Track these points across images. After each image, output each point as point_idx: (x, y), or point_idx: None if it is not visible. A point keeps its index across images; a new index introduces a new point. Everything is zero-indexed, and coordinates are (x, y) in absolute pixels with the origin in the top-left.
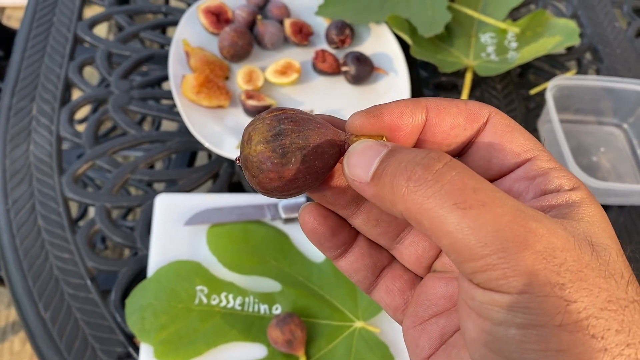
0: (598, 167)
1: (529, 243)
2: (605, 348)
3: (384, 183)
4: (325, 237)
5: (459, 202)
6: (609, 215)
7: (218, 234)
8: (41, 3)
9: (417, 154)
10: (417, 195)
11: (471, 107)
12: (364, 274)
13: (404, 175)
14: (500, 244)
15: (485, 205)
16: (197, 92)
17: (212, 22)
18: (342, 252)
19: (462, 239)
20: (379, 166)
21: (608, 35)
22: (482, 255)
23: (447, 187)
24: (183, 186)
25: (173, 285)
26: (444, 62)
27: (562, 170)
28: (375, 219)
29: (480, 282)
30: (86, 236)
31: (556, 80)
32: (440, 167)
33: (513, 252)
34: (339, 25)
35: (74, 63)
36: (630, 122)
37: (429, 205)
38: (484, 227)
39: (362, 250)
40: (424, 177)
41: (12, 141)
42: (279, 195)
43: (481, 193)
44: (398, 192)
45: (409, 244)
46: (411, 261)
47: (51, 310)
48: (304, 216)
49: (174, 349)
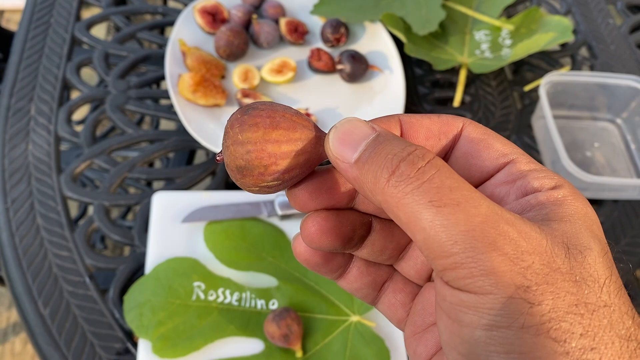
0: (592, 162)
1: (497, 244)
2: (567, 352)
3: (367, 170)
4: (319, 265)
5: (435, 200)
6: (603, 210)
7: (215, 231)
8: (39, 5)
9: (404, 148)
10: (396, 190)
11: (444, 118)
12: (366, 291)
13: (388, 168)
14: (470, 243)
15: (460, 204)
16: (194, 91)
17: (208, 21)
18: (340, 274)
19: (434, 236)
20: (365, 151)
21: (602, 31)
22: (451, 252)
23: (426, 185)
24: (180, 184)
25: (171, 281)
26: (438, 59)
27: (542, 170)
28: (380, 249)
29: (449, 280)
30: (84, 234)
31: (549, 76)
32: (423, 165)
33: (481, 252)
34: (334, 24)
35: (72, 64)
36: (624, 117)
37: (407, 201)
38: (455, 226)
39: (360, 269)
40: (406, 173)
41: (10, 141)
42: (268, 166)
43: (457, 192)
44: (379, 183)
45: (408, 259)
46: (411, 274)
47: (50, 307)
48: (296, 247)
49: (172, 345)
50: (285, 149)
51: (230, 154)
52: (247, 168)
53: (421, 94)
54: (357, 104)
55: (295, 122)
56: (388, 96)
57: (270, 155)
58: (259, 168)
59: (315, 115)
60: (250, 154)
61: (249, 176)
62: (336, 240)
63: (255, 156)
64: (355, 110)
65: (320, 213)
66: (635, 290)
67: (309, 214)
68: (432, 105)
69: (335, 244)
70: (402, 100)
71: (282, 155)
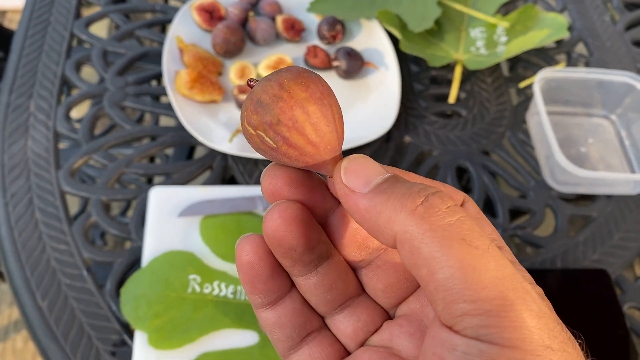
0: (587, 157)
1: (526, 300)
2: None
3: (387, 198)
4: (260, 277)
5: (468, 239)
6: (597, 205)
7: (211, 225)
8: (38, 3)
9: (429, 186)
10: (424, 220)
11: (448, 191)
12: (289, 333)
13: (417, 198)
14: (501, 291)
15: (490, 251)
16: (191, 88)
17: (205, 19)
18: (272, 302)
19: (461, 276)
20: (382, 184)
21: (597, 28)
22: (479, 297)
23: (457, 224)
24: (177, 179)
25: (167, 275)
26: (433, 56)
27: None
28: (330, 284)
29: (466, 328)
30: (82, 228)
31: (544, 72)
32: (452, 205)
33: (511, 303)
34: (330, 21)
35: (71, 61)
36: (618, 113)
37: (435, 234)
38: (487, 270)
39: (295, 304)
40: (437, 206)
41: (10, 137)
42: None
43: (485, 240)
44: (404, 211)
45: (348, 314)
46: (347, 333)
47: (48, 300)
48: (242, 246)
49: (168, 337)
50: (306, 129)
51: (264, 86)
52: (266, 107)
53: (417, 91)
54: (352, 100)
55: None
56: (384, 93)
57: (291, 118)
58: (273, 116)
59: None
60: (279, 101)
61: (260, 114)
62: (301, 238)
63: (281, 106)
64: (351, 107)
65: (294, 202)
66: (628, 284)
67: (281, 201)
68: (428, 101)
69: (299, 242)
70: (398, 96)
71: (299, 129)
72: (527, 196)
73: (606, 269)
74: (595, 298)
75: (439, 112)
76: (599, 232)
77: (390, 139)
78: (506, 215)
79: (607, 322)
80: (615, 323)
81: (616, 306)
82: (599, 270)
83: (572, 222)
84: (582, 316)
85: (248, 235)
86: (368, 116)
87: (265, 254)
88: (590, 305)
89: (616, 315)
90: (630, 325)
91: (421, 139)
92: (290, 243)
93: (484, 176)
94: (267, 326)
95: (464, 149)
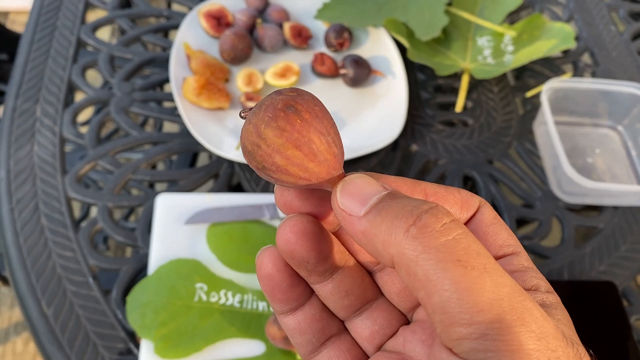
0: (593, 168)
1: (525, 320)
2: None
3: (381, 220)
4: (280, 288)
5: (463, 260)
6: (603, 216)
7: (218, 233)
8: (45, 7)
9: (424, 202)
10: (417, 242)
11: (465, 196)
12: (309, 338)
13: (409, 219)
14: (498, 314)
15: (487, 270)
16: (198, 94)
17: (212, 25)
18: (292, 309)
19: (458, 299)
20: (377, 204)
21: (604, 38)
22: (475, 321)
23: (452, 243)
24: (184, 186)
25: (173, 282)
26: (441, 65)
27: (537, 272)
28: (346, 290)
29: (464, 352)
30: (88, 235)
31: (551, 82)
32: (448, 222)
33: (508, 325)
34: (338, 28)
35: (77, 66)
36: (625, 124)
37: (429, 256)
38: (483, 292)
39: (314, 311)
40: (430, 225)
41: (16, 142)
42: (278, 137)
43: (483, 258)
44: (396, 234)
45: (366, 317)
46: (364, 336)
47: (54, 307)
48: (262, 259)
49: (174, 345)
50: (291, 170)
51: (246, 130)
52: (250, 154)
53: (423, 99)
54: (359, 108)
55: (318, 152)
56: (390, 101)
57: (273, 164)
58: (258, 163)
59: None
60: (258, 150)
61: (247, 159)
62: (312, 250)
63: (261, 154)
64: (358, 115)
65: (305, 215)
66: (635, 296)
67: (292, 215)
68: (435, 110)
69: (311, 255)
70: (405, 105)
71: (284, 172)
72: (534, 206)
73: (613, 280)
74: (603, 310)
75: (445, 121)
76: (606, 243)
77: (397, 147)
78: (513, 225)
79: (614, 334)
80: (622, 335)
81: (623, 318)
82: (606, 282)
83: (578, 232)
84: (589, 328)
85: (267, 248)
86: (375, 124)
87: (283, 265)
88: (598, 318)
89: (623, 327)
90: (638, 338)
91: (428, 148)
92: (302, 256)
93: (490, 185)
94: (288, 331)
95: (471, 158)
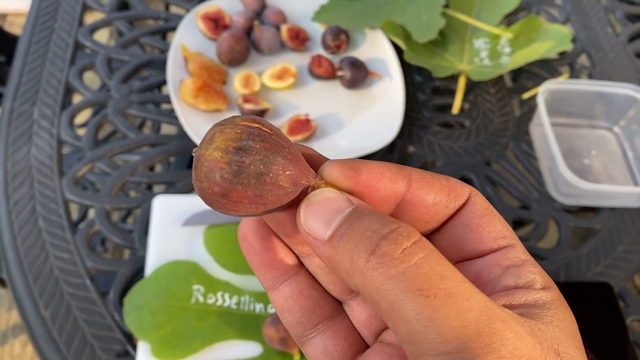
0: (590, 169)
1: (493, 346)
2: None
3: (343, 249)
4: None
5: (424, 288)
6: (600, 218)
7: (215, 234)
8: (43, 9)
9: (385, 224)
10: (377, 272)
11: (453, 184)
12: (298, 317)
13: (368, 247)
14: (463, 342)
15: (452, 296)
16: (195, 96)
17: (210, 27)
18: (278, 283)
19: (422, 331)
20: (340, 226)
21: (600, 40)
22: (440, 352)
23: (413, 270)
24: (181, 188)
25: (170, 284)
26: (438, 67)
27: (535, 265)
28: None
29: None
30: (85, 237)
31: (547, 84)
32: (409, 245)
33: (475, 354)
34: (335, 31)
35: (75, 68)
36: (621, 125)
37: (389, 287)
38: (447, 321)
39: (301, 287)
40: (389, 253)
41: (14, 144)
42: (217, 209)
43: (448, 282)
44: (357, 264)
45: (363, 300)
46: (361, 320)
47: (51, 309)
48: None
49: (171, 347)
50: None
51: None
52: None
53: (420, 101)
54: (356, 110)
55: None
56: (388, 103)
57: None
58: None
59: (316, 120)
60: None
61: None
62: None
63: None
64: (355, 117)
65: None
66: (631, 297)
67: None
68: (432, 111)
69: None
70: (402, 107)
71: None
72: (531, 207)
73: (609, 281)
74: (599, 311)
75: (442, 123)
76: (602, 245)
77: (394, 149)
78: None
79: (610, 335)
80: (618, 336)
81: (619, 319)
82: (602, 284)
83: (575, 234)
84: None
85: None
86: (372, 126)
87: (257, 225)
88: (594, 319)
89: (620, 328)
90: (634, 339)
91: (425, 150)
92: (278, 216)
93: (487, 187)
94: (277, 309)
95: (468, 160)
